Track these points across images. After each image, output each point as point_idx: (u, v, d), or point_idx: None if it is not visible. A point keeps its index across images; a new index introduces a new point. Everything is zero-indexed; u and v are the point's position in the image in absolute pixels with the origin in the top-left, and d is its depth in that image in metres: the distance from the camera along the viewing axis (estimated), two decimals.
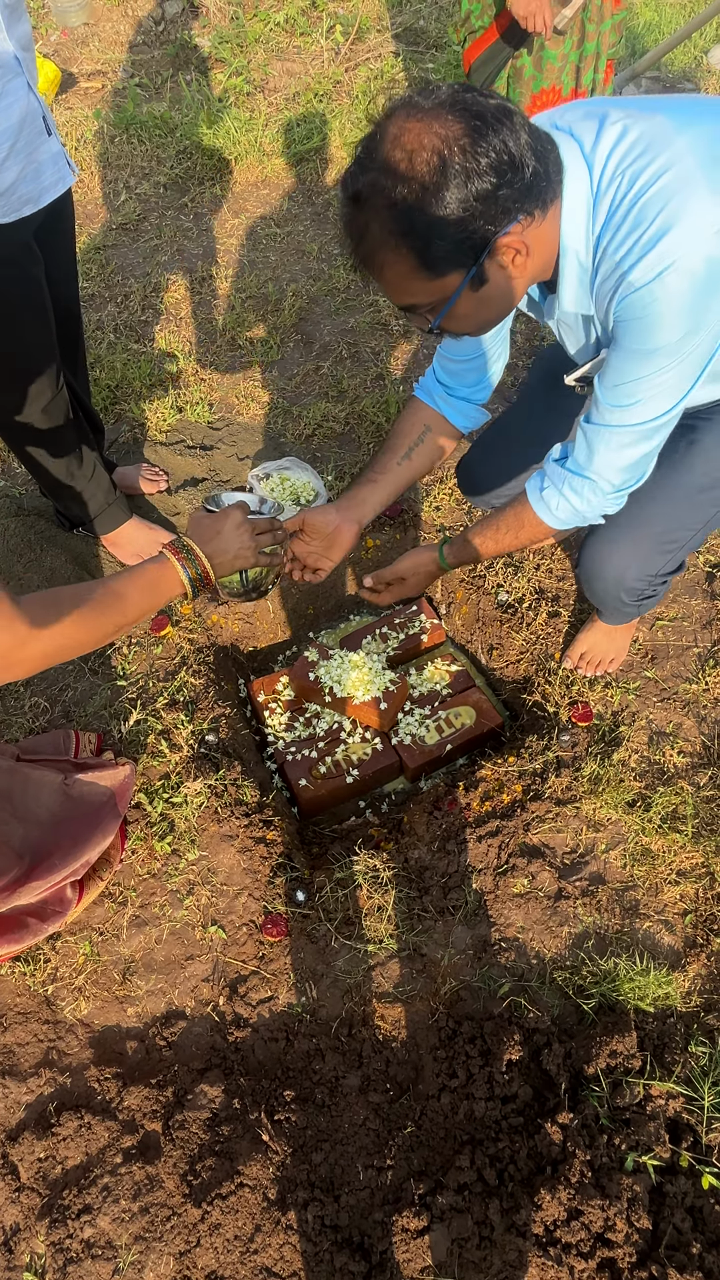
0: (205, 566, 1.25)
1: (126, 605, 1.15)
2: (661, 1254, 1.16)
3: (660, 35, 3.92)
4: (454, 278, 1.05)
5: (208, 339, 2.80)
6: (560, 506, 1.34)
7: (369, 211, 1.01)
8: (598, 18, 2.37)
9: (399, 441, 1.53)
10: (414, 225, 0.99)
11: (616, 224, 1.05)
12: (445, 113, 0.97)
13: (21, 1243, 1.28)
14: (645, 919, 1.55)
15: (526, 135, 1.00)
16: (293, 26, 4.09)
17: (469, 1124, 1.33)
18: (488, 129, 0.96)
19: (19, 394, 1.65)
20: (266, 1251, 1.23)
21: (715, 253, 1.02)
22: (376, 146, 0.99)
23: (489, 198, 0.98)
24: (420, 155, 0.96)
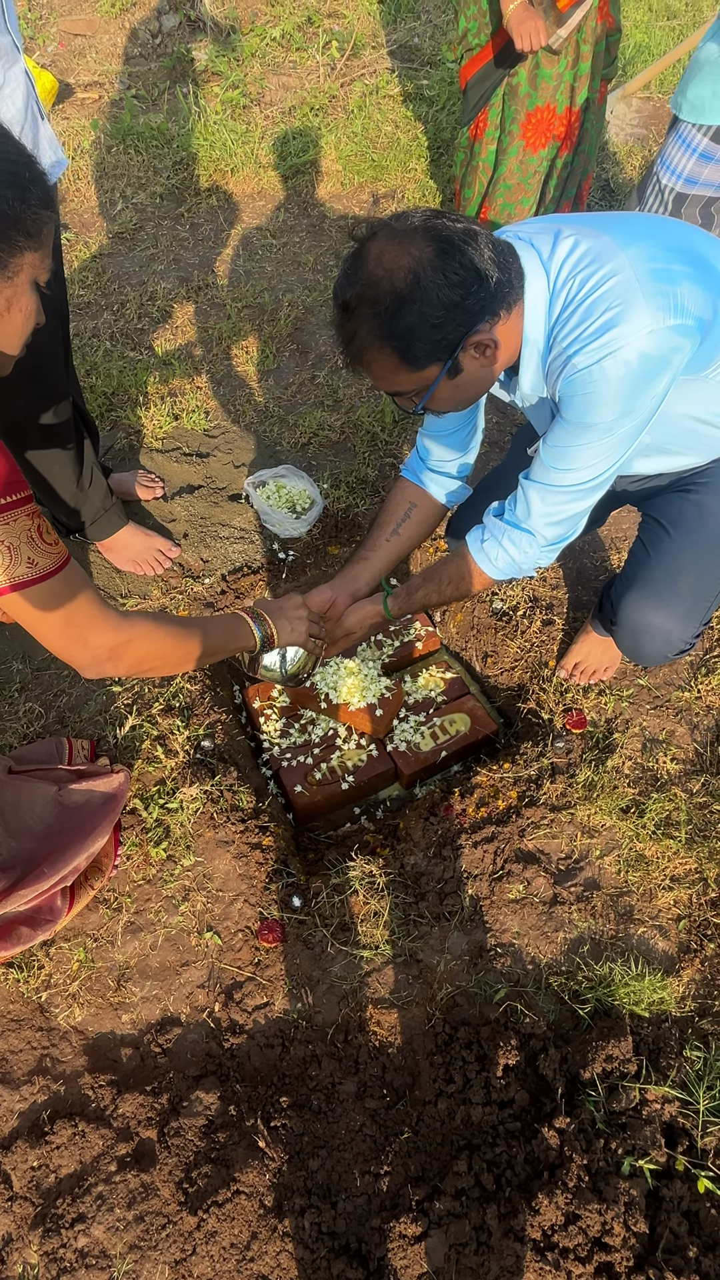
0: (271, 630, 1.47)
1: (209, 641, 1.35)
2: (658, 1258, 1.16)
3: (650, 58, 3.99)
4: (433, 369, 1.22)
5: (204, 347, 2.81)
6: (499, 557, 1.47)
7: (357, 319, 1.18)
8: (592, 38, 2.42)
9: (387, 519, 1.68)
10: (395, 330, 1.16)
11: (567, 318, 1.22)
12: (417, 237, 1.14)
13: (14, 1252, 1.26)
14: (640, 924, 1.56)
15: (490, 251, 1.18)
16: (289, 41, 4.14)
17: (466, 1129, 1.33)
18: (454, 250, 1.14)
19: (27, 396, 1.66)
20: (263, 1259, 1.22)
21: (649, 350, 1.18)
22: (361, 264, 1.17)
23: (457, 306, 1.16)
24: (399, 274, 1.13)
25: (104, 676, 1.28)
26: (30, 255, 1.01)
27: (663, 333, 1.18)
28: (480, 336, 1.20)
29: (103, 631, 1.16)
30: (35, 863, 1.43)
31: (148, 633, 1.23)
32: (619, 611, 1.58)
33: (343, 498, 2.32)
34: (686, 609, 1.52)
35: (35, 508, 1.07)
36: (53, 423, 1.75)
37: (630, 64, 3.96)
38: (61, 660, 1.27)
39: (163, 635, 1.25)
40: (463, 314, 1.17)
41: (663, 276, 1.20)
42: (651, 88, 3.89)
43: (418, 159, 3.52)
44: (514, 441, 1.91)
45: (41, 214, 1.00)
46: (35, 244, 1.01)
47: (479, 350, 1.22)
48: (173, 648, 1.27)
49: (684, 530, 1.52)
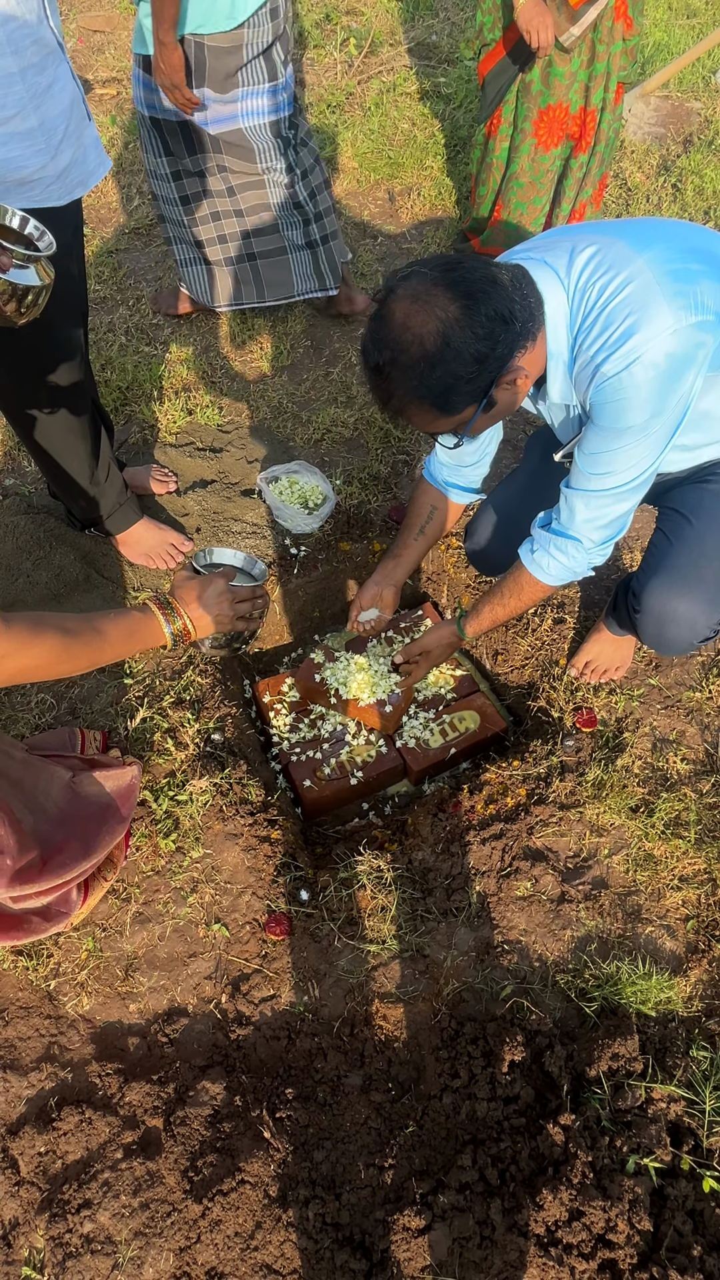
0: (187, 625, 1.35)
1: (105, 645, 1.22)
2: (662, 1256, 1.16)
3: (669, 56, 3.97)
4: (469, 410, 1.27)
5: (218, 343, 2.82)
6: (551, 566, 1.51)
7: (391, 382, 1.22)
8: (609, 39, 2.39)
9: (414, 521, 1.83)
10: (430, 389, 1.21)
11: (589, 326, 1.24)
12: (440, 293, 1.16)
13: (21, 1237, 1.27)
14: (647, 924, 1.56)
15: (508, 291, 1.21)
16: (306, 39, 4.14)
17: (471, 1124, 1.33)
18: (478, 300, 1.17)
19: (50, 391, 1.67)
20: (267, 1249, 1.23)
21: (673, 349, 1.20)
22: (387, 328, 1.19)
23: (487, 357, 1.19)
24: (427, 337, 1.16)
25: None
26: None
27: (686, 331, 1.20)
28: (510, 373, 1.24)
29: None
30: (55, 848, 1.43)
31: (25, 645, 1.10)
32: (643, 600, 1.58)
33: (355, 494, 2.33)
34: (712, 595, 1.52)
35: None
36: (71, 417, 1.76)
37: (649, 62, 3.94)
38: None
39: (43, 648, 1.13)
40: (493, 361, 1.20)
41: (681, 276, 1.21)
42: (670, 86, 3.87)
43: (434, 157, 3.51)
44: (527, 452, 1.92)
45: None
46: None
47: (510, 383, 1.26)
48: (57, 660, 1.15)
49: (705, 518, 1.53)
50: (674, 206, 3.28)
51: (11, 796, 1.42)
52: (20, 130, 1.34)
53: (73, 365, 1.68)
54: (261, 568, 1.57)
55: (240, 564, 1.57)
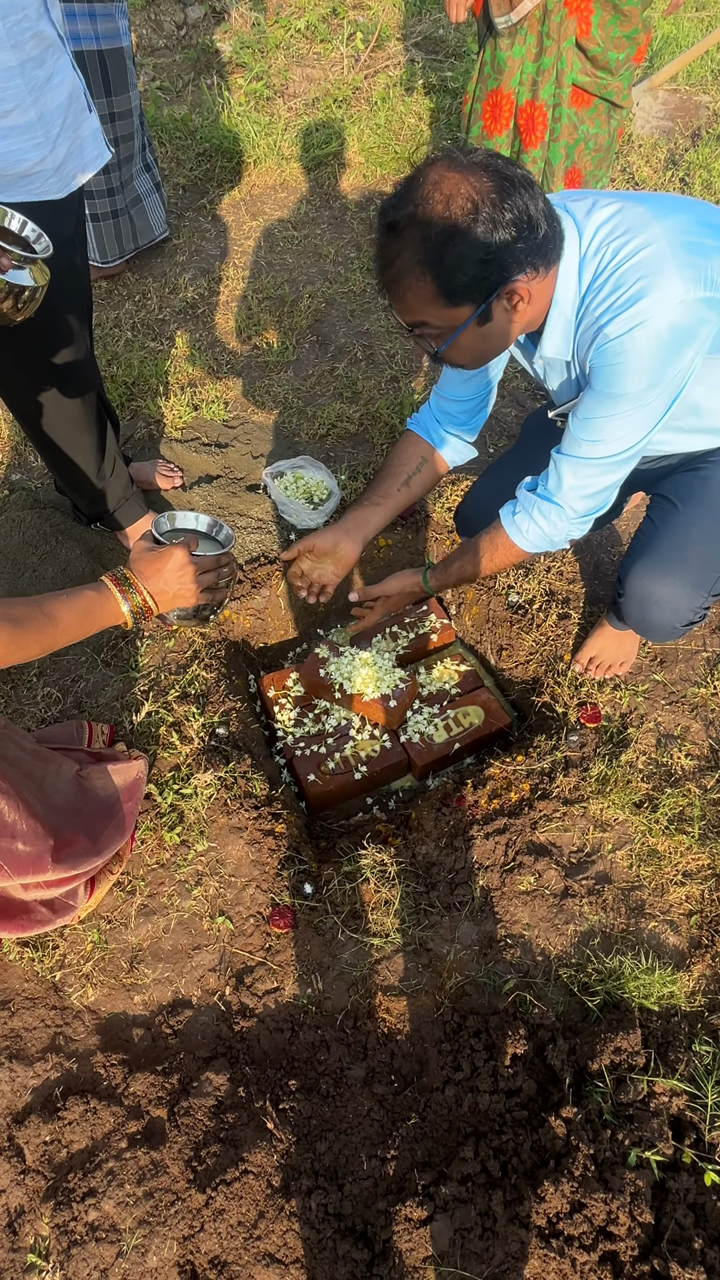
0: (146, 600, 1.26)
1: (57, 629, 1.15)
2: (663, 1248, 1.16)
3: (677, 49, 3.95)
4: (465, 310, 1.20)
5: (224, 338, 2.82)
6: (530, 530, 1.48)
7: (404, 240, 1.15)
8: (558, 34, 2.28)
9: (399, 469, 1.68)
10: (442, 256, 1.14)
11: (599, 287, 1.23)
12: (480, 171, 1.13)
13: (26, 1224, 1.29)
14: (651, 919, 1.56)
15: (543, 204, 1.17)
16: (313, 33, 4.13)
17: (473, 1116, 1.34)
18: (514, 190, 1.13)
19: (55, 386, 1.68)
20: (269, 1238, 1.24)
21: (678, 320, 1.19)
22: (417, 187, 1.14)
23: (507, 248, 1.15)
24: (456, 200, 1.12)
25: None
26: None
27: (693, 304, 1.19)
28: (518, 285, 1.19)
29: None
30: (64, 838, 1.44)
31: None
32: (626, 583, 1.58)
33: (360, 489, 2.33)
34: (695, 578, 1.52)
35: None
36: (78, 412, 1.76)
37: (658, 55, 3.92)
38: None
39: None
40: (510, 257, 1.15)
41: (697, 249, 1.20)
42: (678, 80, 3.85)
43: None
44: (525, 427, 1.90)
45: None
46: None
47: (511, 301, 1.21)
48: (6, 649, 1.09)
49: (692, 503, 1.52)
50: None
51: (24, 786, 1.43)
52: (19, 123, 1.35)
53: (78, 359, 1.69)
54: (228, 532, 1.45)
55: (204, 528, 1.45)
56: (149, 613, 1.27)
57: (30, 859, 1.37)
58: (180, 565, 1.28)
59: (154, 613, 1.29)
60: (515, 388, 2.63)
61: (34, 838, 1.36)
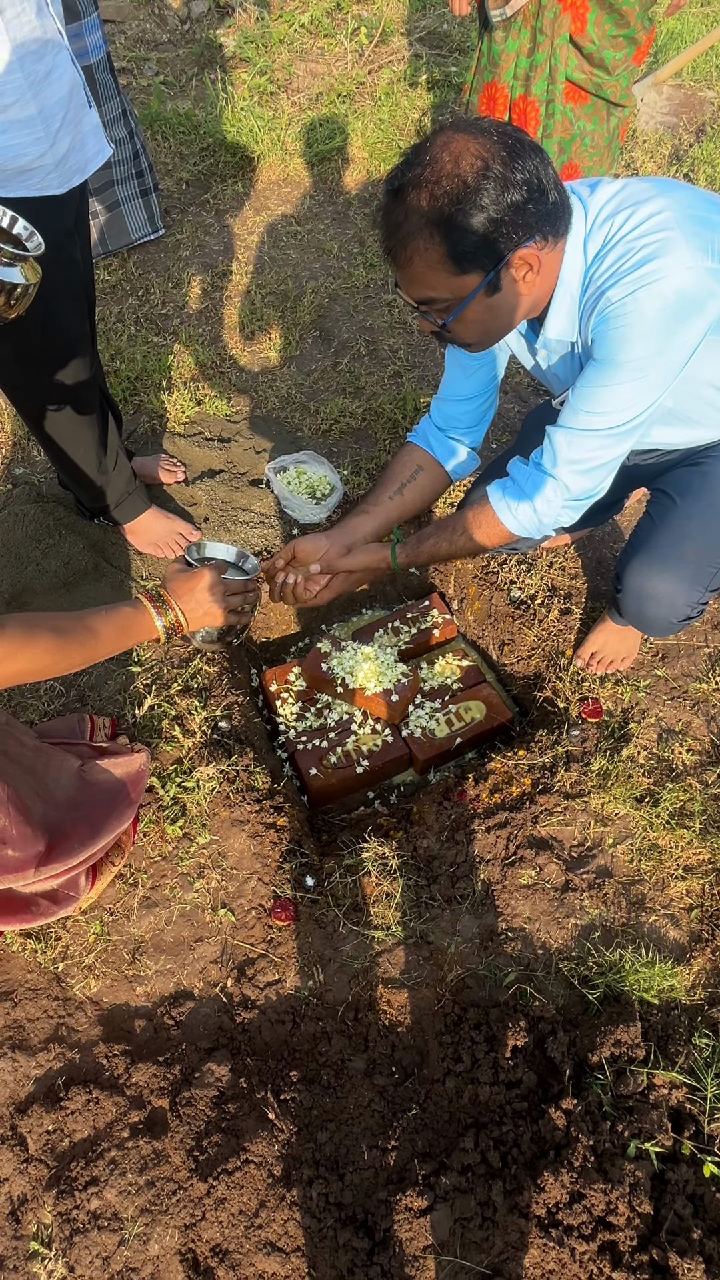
0: (179, 618, 1.35)
1: (99, 642, 1.23)
2: (662, 1238, 1.17)
3: (682, 44, 3.94)
4: (473, 279, 1.17)
5: (227, 333, 2.82)
6: (521, 509, 1.40)
7: (409, 205, 1.12)
8: (551, 30, 2.28)
9: (392, 478, 1.63)
10: (451, 218, 1.10)
11: (604, 256, 1.20)
12: (491, 133, 1.11)
13: (29, 1213, 1.30)
14: (651, 913, 1.57)
15: (553, 172, 1.15)
16: (317, 28, 4.12)
17: (473, 1108, 1.35)
18: (524, 153, 1.11)
19: (57, 379, 1.68)
20: (271, 1227, 1.25)
21: (686, 286, 1.15)
22: (425, 150, 1.12)
23: (518, 209, 1.11)
24: (465, 159, 1.09)
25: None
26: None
27: (702, 272, 1.15)
28: (528, 252, 1.15)
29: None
30: (62, 834, 1.45)
31: (20, 649, 1.11)
32: (624, 578, 1.57)
33: (363, 484, 2.33)
34: (692, 573, 1.51)
35: None
36: (79, 406, 1.77)
37: (662, 51, 3.91)
38: None
39: (38, 650, 1.13)
40: (521, 220, 1.12)
41: (703, 222, 1.19)
42: (683, 75, 3.84)
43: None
44: (525, 424, 1.90)
45: None
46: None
47: (520, 270, 1.17)
48: (52, 660, 1.15)
49: (691, 498, 1.51)
50: None
51: (23, 783, 1.44)
52: (19, 118, 1.35)
53: (79, 353, 1.69)
54: (254, 562, 1.56)
55: (232, 558, 1.58)
56: (180, 629, 1.36)
57: (15, 864, 1.38)
58: (210, 586, 1.38)
59: (185, 629, 1.37)
60: (518, 383, 2.63)
61: (22, 843, 1.37)
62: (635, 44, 2.35)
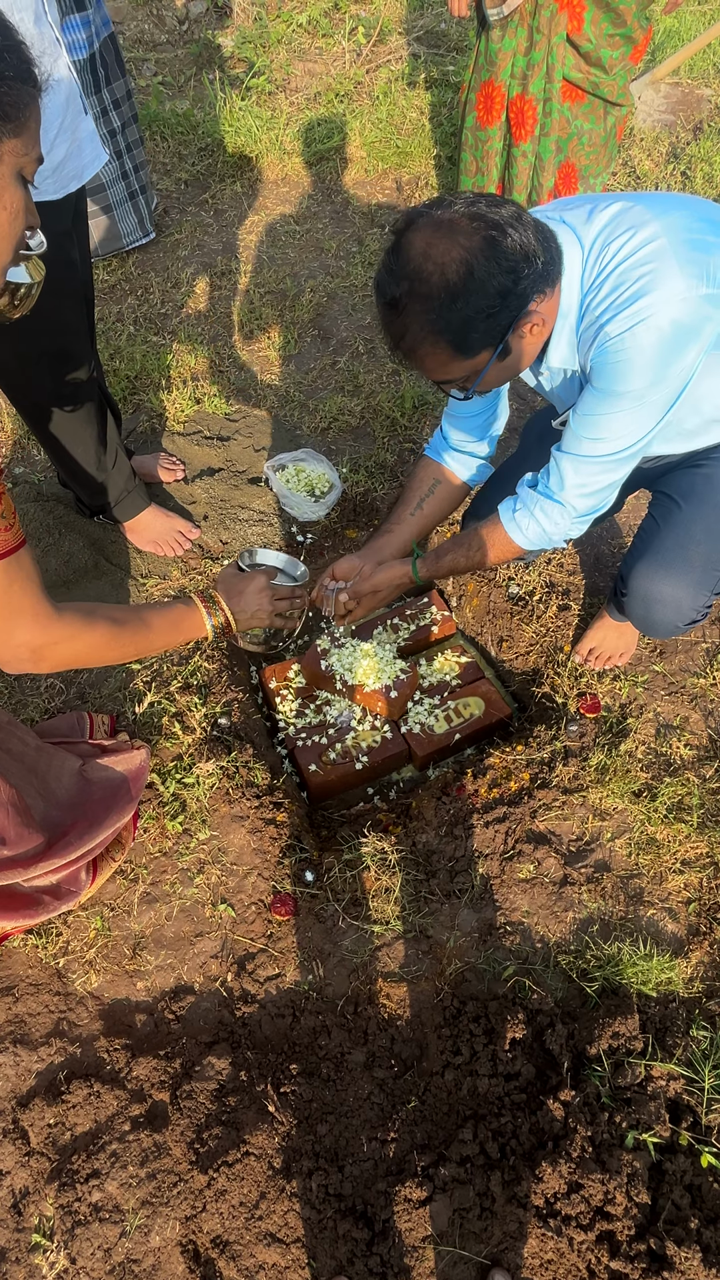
0: (229, 618, 1.40)
1: (151, 636, 1.28)
2: (660, 1228, 1.17)
3: (680, 43, 3.94)
4: (484, 356, 1.24)
5: (226, 332, 2.83)
6: (530, 528, 1.47)
7: (407, 316, 1.17)
8: (548, 29, 2.29)
9: (411, 495, 1.72)
10: (449, 324, 1.16)
11: (599, 285, 1.23)
12: (465, 225, 1.13)
13: (31, 1205, 1.30)
14: (649, 906, 1.57)
15: (533, 231, 1.18)
16: (315, 28, 4.13)
17: (472, 1100, 1.35)
18: (503, 235, 1.13)
19: (56, 378, 1.69)
20: (271, 1218, 1.25)
21: (680, 317, 1.18)
22: (407, 260, 1.14)
23: (510, 292, 1.16)
24: (450, 266, 1.12)
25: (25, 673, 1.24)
26: (10, 142, 0.86)
27: (696, 301, 1.18)
28: (529, 317, 1.22)
29: (29, 629, 1.09)
30: (61, 832, 1.46)
31: (78, 633, 1.15)
32: (629, 582, 1.59)
33: (361, 482, 2.34)
34: (697, 577, 1.53)
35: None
36: (78, 404, 1.78)
37: (660, 49, 3.92)
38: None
39: (95, 636, 1.17)
40: (515, 299, 1.17)
41: (698, 246, 1.20)
42: (680, 73, 3.85)
43: (442, 146, 3.51)
44: (526, 430, 1.92)
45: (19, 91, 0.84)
46: (14, 128, 0.85)
47: (525, 329, 1.24)
48: (106, 648, 1.20)
49: (695, 501, 1.53)
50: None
51: (25, 782, 1.45)
52: None
53: (78, 352, 1.70)
54: (303, 570, 1.60)
55: (282, 565, 1.61)
56: (229, 628, 1.40)
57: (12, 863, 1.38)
58: (260, 589, 1.43)
59: (233, 629, 1.41)
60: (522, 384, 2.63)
61: (20, 843, 1.38)
62: (632, 43, 2.36)
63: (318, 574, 2.23)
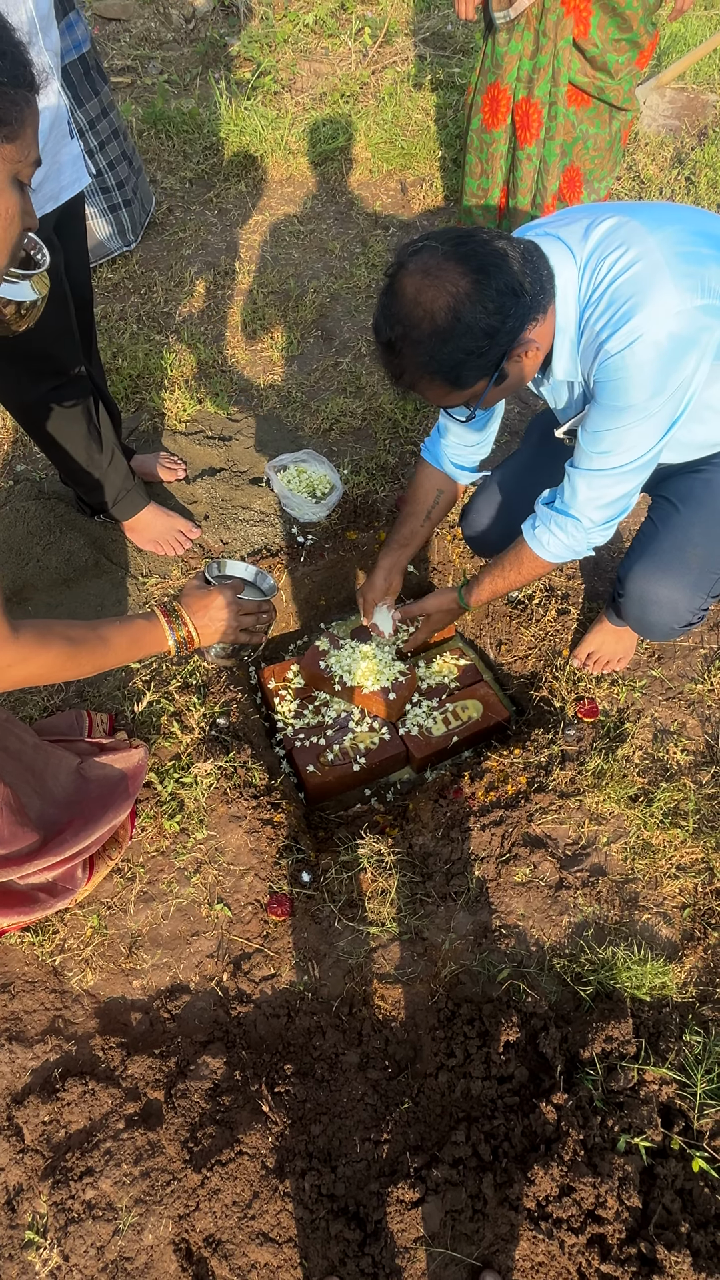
0: (191, 633, 1.36)
1: (109, 651, 1.25)
2: (650, 1232, 1.18)
3: (685, 48, 3.95)
4: (480, 384, 1.29)
5: (229, 332, 2.83)
6: (552, 543, 1.52)
7: (403, 357, 1.24)
8: (554, 33, 2.29)
9: (418, 508, 1.81)
10: (441, 364, 1.22)
11: (595, 301, 1.26)
12: (452, 267, 1.17)
13: (24, 1202, 1.31)
14: (644, 911, 1.58)
15: (519, 264, 1.21)
16: (321, 28, 4.13)
17: (465, 1102, 1.36)
18: (488, 277, 1.18)
19: (42, 379, 1.69)
20: (264, 1217, 1.26)
21: (676, 330, 1.21)
22: (398, 303, 1.21)
23: (498, 331, 1.21)
24: (438, 313, 1.18)
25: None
26: (5, 148, 0.87)
27: (691, 313, 1.21)
28: (522, 345, 1.26)
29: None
30: (57, 830, 1.46)
31: (34, 653, 1.13)
32: (626, 584, 1.61)
33: (363, 484, 2.34)
34: (694, 580, 1.54)
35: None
36: (67, 405, 1.77)
37: (665, 54, 3.92)
38: None
39: (49, 655, 1.16)
40: (503, 335, 1.22)
41: (691, 259, 1.22)
42: (686, 78, 3.85)
43: (447, 148, 3.51)
44: (527, 434, 1.93)
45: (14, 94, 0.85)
46: (8, 132, 0.86)
47: (520, 356, 1.29)
48: (61, 669, 1.18)
49: (693, 505, 1.54)
50: (687, 200, 3.27)
51: (22, 781, 1.45)
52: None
53: (62, 351, 1.69)
54: (271, 583, 1.59)
55: (250, 578, 1.60)
56: (192, 643, 1.37)
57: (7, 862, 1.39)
58: (225, 604, 1.40)
59: (196, 644, 1.38)
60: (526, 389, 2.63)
61: (14, 842, 1.39)
62: (638, 48, 2.36)
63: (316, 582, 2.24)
